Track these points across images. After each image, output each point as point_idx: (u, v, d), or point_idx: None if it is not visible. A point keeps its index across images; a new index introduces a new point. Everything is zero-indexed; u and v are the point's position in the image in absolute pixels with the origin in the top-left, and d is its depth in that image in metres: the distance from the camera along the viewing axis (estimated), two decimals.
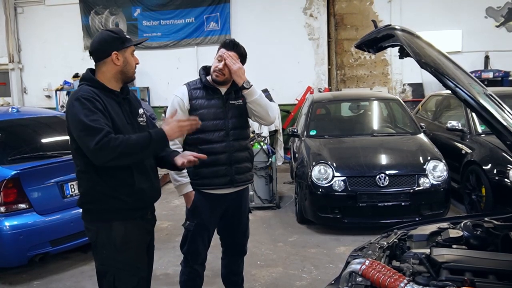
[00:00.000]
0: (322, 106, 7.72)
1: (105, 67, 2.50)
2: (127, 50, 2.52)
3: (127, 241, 2.50)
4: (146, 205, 2.63)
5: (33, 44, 12.07)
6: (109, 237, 2.48)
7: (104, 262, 2.53)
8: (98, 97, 2.39)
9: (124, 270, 2.51)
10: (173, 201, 7.07)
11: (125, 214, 2.50)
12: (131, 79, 2.60)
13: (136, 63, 2.59)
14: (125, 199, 2.47)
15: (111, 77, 2.51)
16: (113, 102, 2.48)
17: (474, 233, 2.04)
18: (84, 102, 2.33)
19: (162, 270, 4.64)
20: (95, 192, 2.46)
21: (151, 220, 2.72)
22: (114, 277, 2.50)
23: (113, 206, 2.47)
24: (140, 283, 2.57)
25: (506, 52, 9.98)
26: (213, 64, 3.20)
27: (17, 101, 12.19)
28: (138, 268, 2.56)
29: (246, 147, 3.34)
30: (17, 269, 4.61)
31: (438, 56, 2.01)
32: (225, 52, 3.15)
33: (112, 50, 2.47)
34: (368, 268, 1.73)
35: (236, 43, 3.21)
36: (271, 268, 4.66)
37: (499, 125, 1.86)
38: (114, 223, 2.48)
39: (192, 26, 11.04)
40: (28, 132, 5.18)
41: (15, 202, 4.31)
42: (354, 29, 10.67)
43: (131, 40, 2.56)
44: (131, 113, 2.60)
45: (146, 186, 2.54)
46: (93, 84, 2.47)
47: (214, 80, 3.20)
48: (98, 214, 2.51)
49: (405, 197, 5.35)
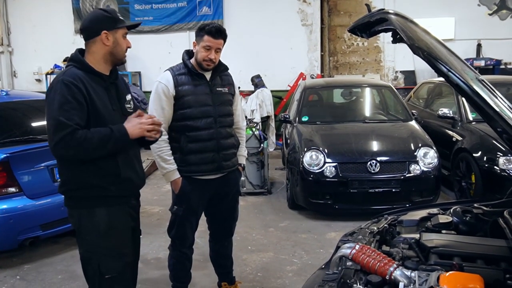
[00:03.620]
0: (314, 93, 7.73)
1: (95, 46, 2.45)
2: (119, 31, 2.46)
3: (111, 227, 2.48)
4: (131, 193, 2.62)
5: (23, 27, 11.90)
6: (93, 223, 2.47)
7: (88, 249, 2.51)
8: (82, 82, 2.34)
9: (108, 255, 2.49)
10: (164, 186, 7.05)
11: (109, 200, 2.49)
12: (121, 61, 2.54)
13: (128, 47, 2.53)
14: (110, 187, 2.46)
15: (100, 58, 2.46)
16: (99, 87, 2.43)
17: (464, 219, 2.05)
18: (63, 88, 2.29)
19: (153, 254, 4.65)
20: (79, 180, 2.44)
21: (135, 205, 2.71)
22: (99, 263, 2.48)
23: (96, 193, 2.45)
24: (125, 268, 2.57)
25: (498, 41, 10.01)
26: (200, 52, 3.11)
27: (7, 84, 12.05)
28: (123, 253, 2.55)
29: (231, 133, 3.34)
30: (8, 253, 4.59)
31: (431, 41, 2.00)
32: (213, 41, 3.07)
33: (102, 29, 2.41)
34: (358, 253, 1.73)
35: (220, 29, 3.11)
36: (262, 253, 4.69)
37: (491, 111, 1.86)
38: (97, 209, 2.47)
39: (185, 10, 10.93)
40: (18, 116, 5.12)
41: (4, 185, 4.28)
42: (348, 15, 10.62)
43: (124, 21, 2.50)
44: (118, 98, 2.56)
45: (132, 175, 2.53)
46: (80, 66, 2.42)
47: (203, 68, 3.16)
48: (81, 200, 2.48)
49: (395, 184, 5.38)
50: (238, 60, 9.36)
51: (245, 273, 4.23)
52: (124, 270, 2.55)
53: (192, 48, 3.22)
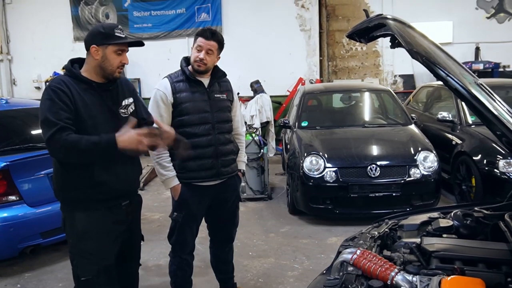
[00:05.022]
0: (313, 97, 7.72)
1: (88, 58, 2.57)
2: (109, 47, 2.51)
3: (87, 231, 2.55)
4: (110, 197, 2.59)
5: (22, 35, 11.92)
6: (72, 226, 2.57)
7: (71, 250, 2.63)
8: (68, 88, 2.43)
9: (85, 258, 2.57)
10: (164, 193, 7.04)
11: (87, 204, 2.54)
12: (110, 76, 2.57)
13: (123, 63, 2.58)
14: (87, 190, 2.51)
15: (92, 69, 2.55)
16: (87, 93, 2.49)
17: (464, 222, 2.05)
18: (50, 93, 2.40)
19: (154, 261, 4.64)
20: (61, 182, 2.55)
21: (125, 210, 2.69)
22: (77, 265, 2.58)
23: (76, 196, 2.53)
24: (101, 273, 2.59)
25: (496, 44, 10.04)
26: (192, 54, 3.15)
27: (6, 92, 12.06)
28: (100, 257, 2.58)
29: (230, 140, 3.35)
30: (8, 261, 4.58)
31: (429, 46, 2.01)
32: (204, 42, 3.10)
33: (92, 43, 2.51)
34: (359, 258, 1.73)
35: (214, 31, 3.15)
36: (263, 258, 4.68)
37: (490, 115, 1.86)
38: (77, 213, 2.55)
39: (183, 17, 10.96)
40: (18, 124, 5.12)
41: (5, 194, 4.28)
42: (346, 20, 10.65)
43: (117, 38, 2.52)
44: (113, 104, 2.60)
45: (108, 179, 2.53)
46: (69, 74, 2.53)
47: (196, 70, 3.17)
48: (65, 203, 2.60)
49: (396, 188, 5.38)
50: (237, 66, 9.38)
51: (246, 279, 4.22)
52: (99, 274, 2.58)
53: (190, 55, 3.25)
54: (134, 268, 2.93)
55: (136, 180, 2.83)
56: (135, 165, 2.76)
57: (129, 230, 2.76)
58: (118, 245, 2.69)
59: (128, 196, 2.72)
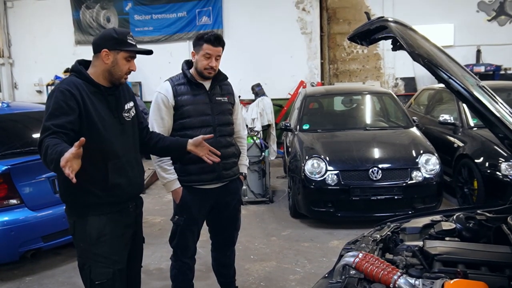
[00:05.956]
0: (315, 100, 7.72)
1: (97, 61, 2.54)
2: (120, 53, 2.51)
3: (101, 235, 2.52)
4: (122, 200, 2.61)
5: (24, 39, 11.95)
6: (85, 231, 2.52)
7: (81, 255, 2.58)
8: (78, 89, 2.41)
9: (99, 262, 2.54)
10: (166, 196, 7.04)
11: (100, 208, 2.52)
12: (118, 82, 2.57)
13: (131, 70, 2.59)
14: (99, 193, 2.49)
15: (100, 73, 2.53)
16: (96, 97, 2.49)
17: (467, 225, 2.04)
18: (58, 95, 2.36)
19: (155, 265, 4.63)
20: (71, 186, 2.37)
21: (133, 213, 2.70)
22: (90, 269, 2.55)
23: (87, 200, 2.49)
24: (116, 276, 2.58)
25: (497, 46, 10.02)
26: (200, 61, 3.12)
27: (8, 96, 12.09)
28: (114, 261, 2.57)
29: (232, 143, 3.34)
30: (9, 265, 4.57)
31: (431, 48, 2.00)
32: (212, 49, 3.08)
33: (104, 47, 2.49)
34: (362, 261, 1.73)
35: (218, 37, 3.12)
36: (264, 262, 4.66)
37: (493, 117, 1.86)
38: (90, 218, 2.52)
39: (184, 20, 10.98)
40: (19, 127, 5.12)
41: (6, 197, 4.27)
42: (347, 23, 10.65)
43: (129, 45, 2.53)
44: (117, 108, 2.60)
45: (122, 182, 2.54)
46: (79, 76, 2.50)
47: (203, 76, 3.17)
48: (75, 208, 2.56)
49: (398, 191, 5.37)
50: (238, 69, 9.38)
51: (248, 283, 4.21)
52: (114, 277, 2.58)
53: (191, 58, 3.24)
54: (137, 271, 2.92)
55: (142, 182, 2.84)
56: (140, 167, 2.76)
57: (135, 233, 2.77)
58: (128, 248, 2.70)
59: (134, 199, 2.73)
